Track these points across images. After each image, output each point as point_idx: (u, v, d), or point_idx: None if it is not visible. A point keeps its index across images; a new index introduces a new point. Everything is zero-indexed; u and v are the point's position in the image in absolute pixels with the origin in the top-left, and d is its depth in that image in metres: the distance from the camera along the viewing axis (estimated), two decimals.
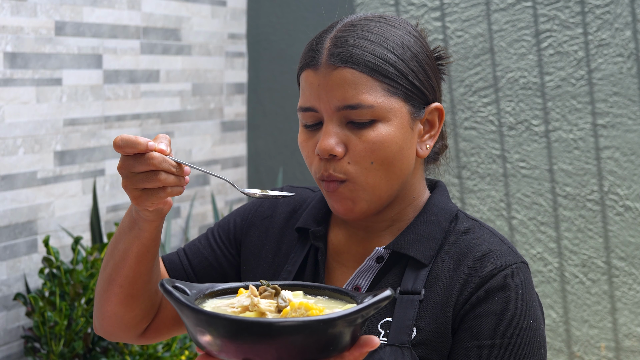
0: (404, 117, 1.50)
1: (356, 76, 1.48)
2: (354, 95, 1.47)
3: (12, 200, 3.12)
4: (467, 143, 4.11)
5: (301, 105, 1.52)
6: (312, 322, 1.16)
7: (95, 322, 1.62)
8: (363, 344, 1.22)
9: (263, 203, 1.68)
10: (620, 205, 3.98)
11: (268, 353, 1.17)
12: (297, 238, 1.62)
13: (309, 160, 1.52)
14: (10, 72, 3.09)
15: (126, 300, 1.55)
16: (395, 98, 1.49)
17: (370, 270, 1.53)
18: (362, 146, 1.47)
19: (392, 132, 1.49)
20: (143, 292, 1.56)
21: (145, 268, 1.53)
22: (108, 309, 1.57)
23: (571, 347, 4.07)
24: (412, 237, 1.52)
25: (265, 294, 1.25)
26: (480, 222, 1.57)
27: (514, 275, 1.48)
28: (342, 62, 1.48)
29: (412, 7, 4.11)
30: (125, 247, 1.51)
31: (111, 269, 1.54)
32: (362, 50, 1.49)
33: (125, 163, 1.38)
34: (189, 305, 1.19)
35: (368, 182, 1.49)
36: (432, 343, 1.46)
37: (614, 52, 3.95)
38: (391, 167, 1.49)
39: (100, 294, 1.58)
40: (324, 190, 1.52)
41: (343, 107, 1.48)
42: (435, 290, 1.49)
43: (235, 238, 1.66)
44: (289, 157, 4.33)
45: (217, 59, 4.17)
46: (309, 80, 1.51)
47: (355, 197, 1.49)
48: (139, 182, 1.38)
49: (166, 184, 1.38)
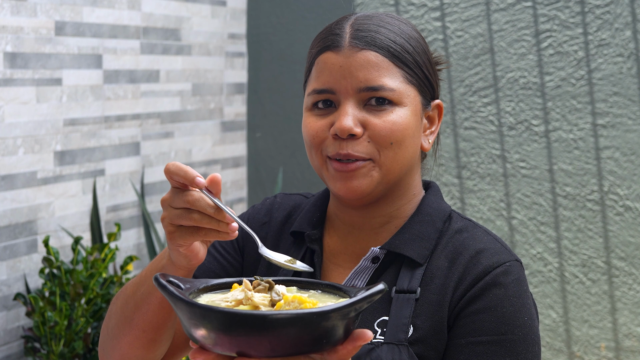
0: (417, 105, 1.54)
1: (379, 59, 1.50)
2: (376, 77, 1.49)
3: (12, 200, 3.13)
4: (467, 143, 4.11)
5: (316, 88, 1.52)
6: (306, 315, 1.16)
7: (106, 356, 1.57)
8: (356, 338, 1.23)
9: (260, 210, 1.68)
10: (620, 205, 3.98)
11: (262, 346, 1.17)
12: (293, 242, 1.62)
13: (317, 140, 1.52)
14: (10, 72, 3.09)
15: (148, 345, 1.52)
16: (411, 86, 1.52)
17: (366, 270, 1.54)
18: (383, 125, 1.49)
19: (409, 117, 1.51)
20: (166, 337, 1.53)
21: (168, 314, 1.49)
22: (127, 351, 1.53)
23: (571, 347, 4.07)
24: (407, 237, 1.53)
25: (259, 288, 1.26)
26: (473, 221, 1.58)
27: (508, 273, 1.49)
28: (366, 44, 1.50)
29: (412, 7, 4.12)
30: (149, 291, 1.47)
31: (131, 311, 1.50)
32: (384, 37, 1.51)
33: (169, 196, 1.37)
34: (183, 298, 1.20)
35: (385, 162, 1.50)
36: (428, 340, 1.47)
37: (614, 52, 3.95)
38: (406, 151, 1.52)
39: (116, 334, 1.53)
40: (331, 170, 1.52)
41: (365, 88, 1.49)
42: (431, 289, 1.50)
43: (238, 246, 1.66)
44: (289, 157, 4.34)
45: (217, 59, 4.18)
46: (329, 61, 1.52)
47: (369, 176, 1.50)
48: (174, 217, 1.35)
49: (200, 224, 1.34)
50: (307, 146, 1.55)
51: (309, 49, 1.58)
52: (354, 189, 1.50)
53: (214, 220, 1.34)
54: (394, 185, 1.54)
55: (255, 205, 1.71)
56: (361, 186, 1.50)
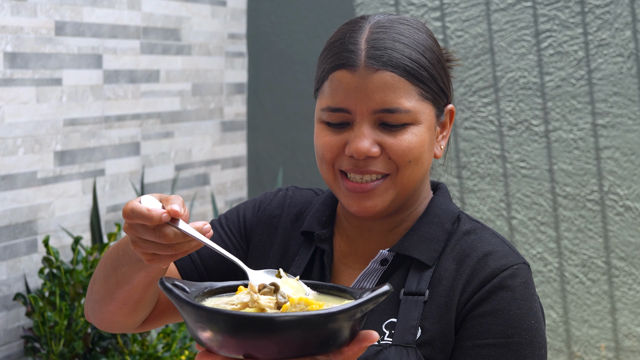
0: (432, 120, 1.53)
1: (396, 80, 1.48)
2: (393, 99, 1.48)
3: (12, 200, 3.12)
4: (467, 143, 4.11)
5: (331, 106, 1.50)
6: (312, 317, 1.16)
7: (90, 317, 1.60)
8: (362, 339, 1.22)
9: (272, 201, 1.68)
10: (620, 205, 3.98)
11: (268, 348, 1.17)
12: (303, 241, 1.62)
13: (331, 155, 1.51)
14: (10, 72, 3.09)
15: (130, 314, 1.54)
16: (426, 102, 1.51)
17: (375, 272, 1.54)
18: (400, 145, 1.48)
19: (424, 134, 1.50)
20: (148, 306, 1.55)
21: (152, 290, 1.50)
22: (108, 317, 1.56)
23: (571, 347, 4.07)
24: (416, 239, 1.53)
25: (265, 291, 1.26)
26: (482, 223, 1.58)
27: (516, 276, 1.49)
28: (382, 65, 1.48)
29: (412, 7, 4.12)
30: (130, 274, 1.47)
31: (113, 287, 1.50)
32: (400, 54, 1.49)
33: (133, 228, 1.30)
34: (189, 302, 1.20)
35: (402, 180, 1.50)
36: (436, 343, 1.47)
37: (614, 52, 3.95)
38: (422, 167, 1.52)
39: (99, 300, 1.55)
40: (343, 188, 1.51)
41: (380, 110, 1.48)
42: (439, 291, 1.50)
43: (245, 232, 1.66)
44: (289, 157, 4.34)
45: (217, 59, 4.18)
46: (344, 81, 1.49)
47: (385, 194, 1.50)
48: (149, 248, 1.32)
49: (178, 251, 1.31)
50: (317, 157, 1.54)
51: (320, 58, 1.55)
52: (368, 209, 1.50)
53: (188, 243, 1.32)
54: (408, 197, 1.55)
55: (268, 193, 1.70)
56: (376, 206, 1.50)
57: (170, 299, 1.25)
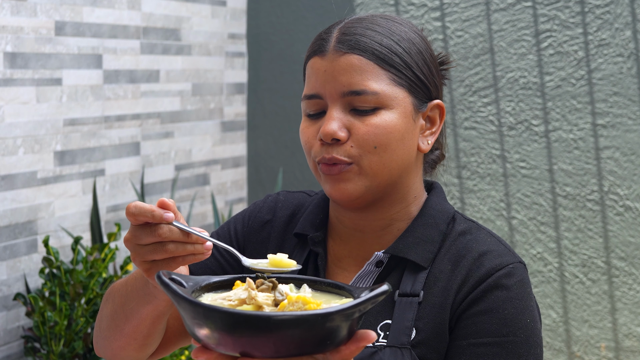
0: (407, 107, 1.51)
1: (363, 62, 1.49)
2: (359, 81, 1.49)
3: (12, 200, 3.12)
4: (467, 143, 4.11)
5: (306, 93, 1.52)
6: (310, 316, 1.16)
7: (100, 352, 1.60)
8: (360, 339, 1.22)
9: (261, 209, 1.67)
10: (620, 205, 3.98)
11: (265, 346, 1.17)
12: (297, 243, 1.61)
13: (308, 145, 1.52)
14: (10, 72, 3.09)
15: (139, 348, 1.55)
16: (399, 88, 1.51)
17: (370, 274, 1.53)
18: (366, 129, 1.48)
19: (395, 120, 1.50)
20: (157, 339, 1.55)
21: (160, 325, 1.51)
22: (119, 352, 1.56)
23: (571, 347, 4.07)
24: (411, 241, 1.53)
25: (263, 287, 1.25)
26: (477, 223, 1.57)
27: (511, 275, 1.49)
28: (349, 48, 1.50)
29: (412, 7, 4.12)
30: (138, 308, 1.48)
31: (122, 322, 1.51)
32: (369, 39, 1.51)
33: (133, 235, 1.33)
34: (186, 298, 1.19)
35: (371, 167, 1.49)
36: (430, 343, 1.47)
37: (614, 52, 3.95)
38: (393, 155, 1.50)
39: (108, 337, 1.56)
40: (321, 174, 1.52)
41: (348, 92, 1.49)
42: (434, 292, 1.49)
43: (238, 246, 1.65)
44: (289, 157, 4.33)
45: (217, 59, 4.18)
46: (315, 66, 1.52)
47: (355, 180, 1.50)
48: (147, 254, 1.34)
49: (176, 254, 1.33)
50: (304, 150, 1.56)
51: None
52: (342, 191, 1.50)
53: (188, 245, 1.34)
54: (389, 189, 1.53)
55: (257, 202, 1.70)
56: (348, 189, 1.50)
57: (167, 294, 1.25)
